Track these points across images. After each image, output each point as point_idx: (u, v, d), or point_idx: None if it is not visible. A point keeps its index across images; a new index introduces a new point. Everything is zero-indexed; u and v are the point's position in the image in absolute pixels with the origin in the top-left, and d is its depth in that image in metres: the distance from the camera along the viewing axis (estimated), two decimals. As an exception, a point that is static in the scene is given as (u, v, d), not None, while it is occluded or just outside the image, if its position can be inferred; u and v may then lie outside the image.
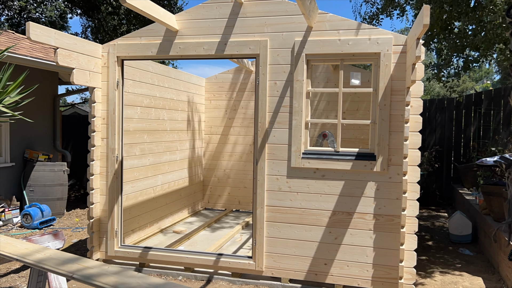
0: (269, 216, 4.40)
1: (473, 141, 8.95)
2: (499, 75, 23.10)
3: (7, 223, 6.96)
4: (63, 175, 7.70)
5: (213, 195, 7.91)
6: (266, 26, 4.35)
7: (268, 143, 4.38)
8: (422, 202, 8.75)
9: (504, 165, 4.99)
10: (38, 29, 3.93)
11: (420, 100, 4.03)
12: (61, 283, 3.85)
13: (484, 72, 29.17)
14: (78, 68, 4.43)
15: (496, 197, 5.35)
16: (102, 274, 2.79)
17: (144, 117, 5.79)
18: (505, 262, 4.63)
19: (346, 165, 4.16)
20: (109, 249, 4.80)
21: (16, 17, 15.62)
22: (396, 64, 4.04)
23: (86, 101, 14.11)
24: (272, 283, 4.41)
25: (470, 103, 9.09)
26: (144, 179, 5.79)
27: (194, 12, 4.56)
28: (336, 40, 4.15)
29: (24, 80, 4.14)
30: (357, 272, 4.18)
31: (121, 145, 4.84)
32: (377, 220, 4.12)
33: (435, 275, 4.96)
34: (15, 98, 4.13)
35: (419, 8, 6.47)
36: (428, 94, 26.60)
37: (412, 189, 4.03)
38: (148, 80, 5.86)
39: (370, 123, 4.20)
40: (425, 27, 3.11)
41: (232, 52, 4.43)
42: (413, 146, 4.02)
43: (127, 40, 4.75)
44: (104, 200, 4.84)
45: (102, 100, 4.79)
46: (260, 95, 4.37)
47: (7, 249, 3.34)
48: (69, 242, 6.02)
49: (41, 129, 8.32)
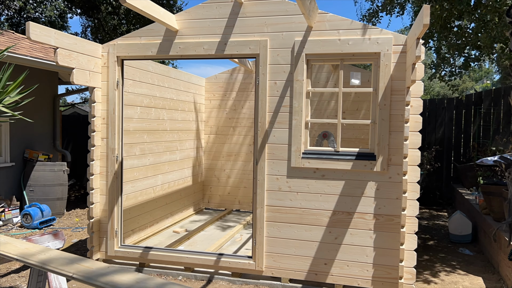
0: (269, 216, 4.40)
1: (473, 141, 8.95)
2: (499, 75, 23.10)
3: (7, 223, 6.96)
4: (63, 175, 7.70)
5: (213, 195, 7.91)
6: (266, 26, 4.35)
7: (268, 143, 4.38)
8: (422, 202, 8.76)
9: (504, 165, 4.99)
10: (38, 29, 3.93)
11: (420, 100, 4.03)
12: (61, 283, 3.84)
13: (484, 72, 29.17)
14: (78, 68, 4.43)
15: (496, 197, 5.35)
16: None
17: (144, 117, 5.79)
18: (505, 262, 4.63)
19: (346, 165, 4.16)
20: (109, 249, 4.80)
21: (16, 17, 15.61)
22: (396, 64, 4.04)
23: (86, 101, 14.11)
24: (272, 283, 4.41)
25: (470, 103, 9.10)
26: (144, 179, 5.79)
27: (194, 12, 4.56)
28: (336, 40, 4.15)
29: (24, 80, 4.14)
30: (357, 272, 4.18)
31: (121, 145, 4.84)
32: (377, 220, 4.12)
33: (435, 275, 4.96)
34: (15, 98, 4.13)
35: (419, 6, 6.45)
36: (428, 94, 26.60)
37: (412, 189, 4.03)
38: (148, 80, 5.86)
39: (370, 123, 4.20)
40: (425, 27, 3.10)
41: (232, 52, 4.43)
42: (413, 146, 4.02)
43: (127, 40, 4.75)
44: (104, 200, 4.84)
45: (102, 100, 4.79)
46: (260, 95, 4.37)
47: (7, 248, 3.34)
48: (69, 242, 6.02)
49: (41, 129, 8.32)
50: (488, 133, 8.70)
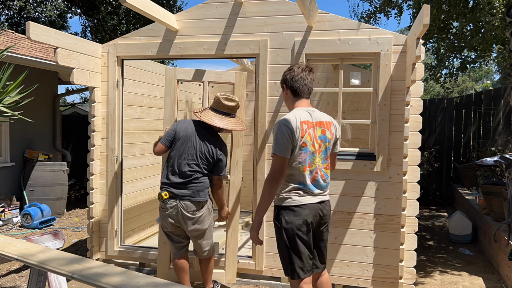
0: (269, 216, 4.39)
1: (473, 141, 8.95)
2: (499, 75, 23.11)
3: (7, 222, 6.96)
4: (63, 175, 7.70)
5: (213, 195, 7.89)
6: (266, 26, 4.35)
7: (268, 143, 4.38)
8: (422, 202, 8.72)
9: (504, 165, 4.99)
10: (38, 29, 3.93)
11: (420, 100, 4.03)
12: (61, 283, 3.84)
13: (484, 72, 29.15)
14: (78, 68, 4.43)
15: (496, 197, 5.35)
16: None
17: (144, 117, 5.79)
18: (505, 262, 4.63)
19: (346, 165, 4.16)
20: (109, 249, 4.80)
21: (15, 17, 15.62)
22: (396, 64, 4.03)
23: (86, 101, 14.10)
24: (272, 283, 4.41)
25: (470, 103, 9.09)
26: (144, 179, 5.79)
27: (194, 12, 4.56)
28: (336, 40, 4.15)
29: (24, 80, 4.14)
30: (357, 271, 4.18)
31: (121, 145, 4.84)
32: (377, 220, 4.12)
33: (435, 275, 4.96)
34: (15, 98, 4.13)
35: (417, 8, 6.45)
36: (428, 94, 26.59)
37: (412, 189, 4.03)
38: (148, 79, 5.86)
39: (370, 123, 4.19)
40: (425, 27, 3.10)
41: (232, 52, 4.43)
42: (413, 146, 4.02)
43: (127, 40, 4.75)
44: (104, 200, 4.84)
45: (102, 100, 4.79)
46: (260, 95, 4.37)
47: (7, 248, 3.34)
48: (69, 242, 6.02)
49: (41, 129, 8.32)
50: (488, 133, 8.70)
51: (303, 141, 2.83)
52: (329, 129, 2.97)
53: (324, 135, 2.93)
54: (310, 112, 2.94)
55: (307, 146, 2.84)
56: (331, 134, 2.97)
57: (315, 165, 2.89)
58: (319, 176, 2.91)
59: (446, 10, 6.22)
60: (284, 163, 2.80)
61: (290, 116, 2.86)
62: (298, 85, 2.97)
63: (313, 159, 2.88)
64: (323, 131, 2.93)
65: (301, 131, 2.82)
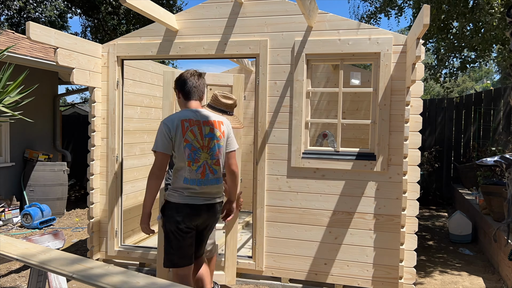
0: (269, 216, 4.40)
1: (473, 141, 8.95)
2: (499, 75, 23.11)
3: (7, 223, 6.96)
4: (63, 175, 7.70)
5: (213, 195, 7.89)
6: (266, 26, 4.35)
7: (268, 143, 4.38)
8: (422, 202, 8.73)
9: (504, 165, 4.99)
10: (38, 29, 3.93)
11: (420, 100, 4.03)
12: (61, 283, 3.84)
13: (484, 72, 29.15)
14: (78, 68, 4.43)
15: (496, 197, 5.35)
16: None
17: (144, 117, 5.79)
18: (505, 262, 4.63)
19: (346, 165, 4.16)
20: (109, 249, 4.80)
21: (16, 17, 15.62)
22: (396, 64, 4.04)
23: (86, 101, 14.10)
24: (272, 283, 4.41)
25: (470, 103, 9.09)
26: (144, 179, 5.76)
27: (194, 12, 4.56)
28: (336, 40, 4.15)
29: (24, 80, 4.14)
30: (357, 272, 4.18)
31: (121, 145, 4.84)
32: (377, 220, 4.12)
33: (435, 275, 4.96)
34: (15, 98, 4.13)
35: (417, 8, 6.46)
36: (428, 94, 26.58)
37: (412, 189, 4.03)
38: (148, 80, 5.86)
39: (370, 123, 4.20)
40: (425, 27, 3.10)
41: (232, 52, 4.43)
42: (413, 146, 4.02)
43: (127, 40, 4.75)
44: (104, 200, 4.84)
45: (102, 100, 4.79)
46: (260, 95, 4.37)
47: (7, 249, 3.34)
48: (69, 242, 6.02)
49: (41, 129, 8.32)
50: (488, 133, 8.70)
51: (185, 138, 3.03)
52: (217, 127, 3.17)
53: (212, 133, 3.13)
54: (196, 112, 3.14)
55: (189, 142, 3.04)
56: (220, 132, 3.18)
57: (201, 160, 3.08)
58: (207, 171, 3.10)
59: (446, 10, 6.22)
60: (164, 159, 3.03)
61: (172, 115, 3.13)
62: (187, 88, 3.20)
63: (199, 155, 3.07)
64: (211, 129, 3.13)
65: (181, 128, 3.02)
